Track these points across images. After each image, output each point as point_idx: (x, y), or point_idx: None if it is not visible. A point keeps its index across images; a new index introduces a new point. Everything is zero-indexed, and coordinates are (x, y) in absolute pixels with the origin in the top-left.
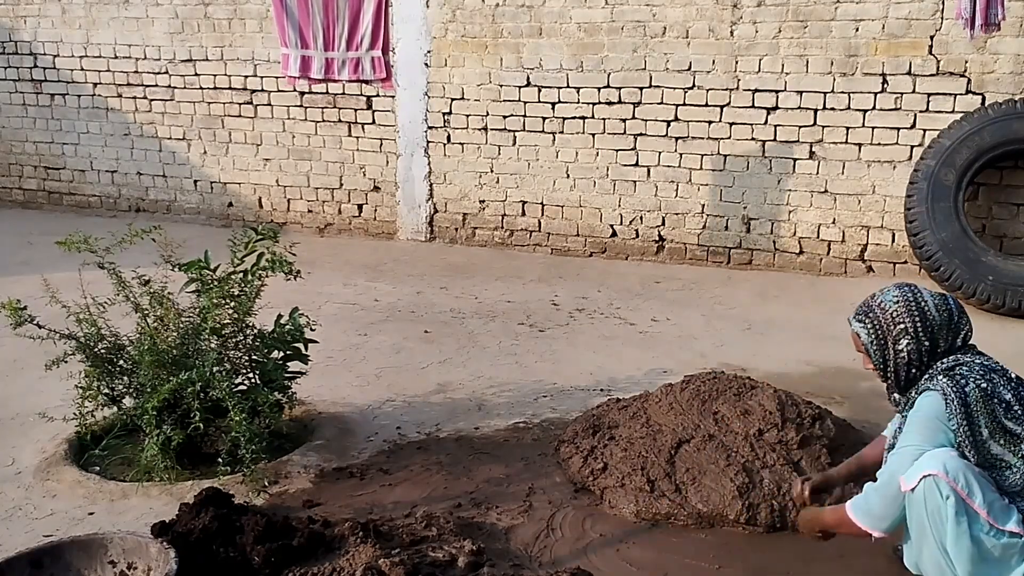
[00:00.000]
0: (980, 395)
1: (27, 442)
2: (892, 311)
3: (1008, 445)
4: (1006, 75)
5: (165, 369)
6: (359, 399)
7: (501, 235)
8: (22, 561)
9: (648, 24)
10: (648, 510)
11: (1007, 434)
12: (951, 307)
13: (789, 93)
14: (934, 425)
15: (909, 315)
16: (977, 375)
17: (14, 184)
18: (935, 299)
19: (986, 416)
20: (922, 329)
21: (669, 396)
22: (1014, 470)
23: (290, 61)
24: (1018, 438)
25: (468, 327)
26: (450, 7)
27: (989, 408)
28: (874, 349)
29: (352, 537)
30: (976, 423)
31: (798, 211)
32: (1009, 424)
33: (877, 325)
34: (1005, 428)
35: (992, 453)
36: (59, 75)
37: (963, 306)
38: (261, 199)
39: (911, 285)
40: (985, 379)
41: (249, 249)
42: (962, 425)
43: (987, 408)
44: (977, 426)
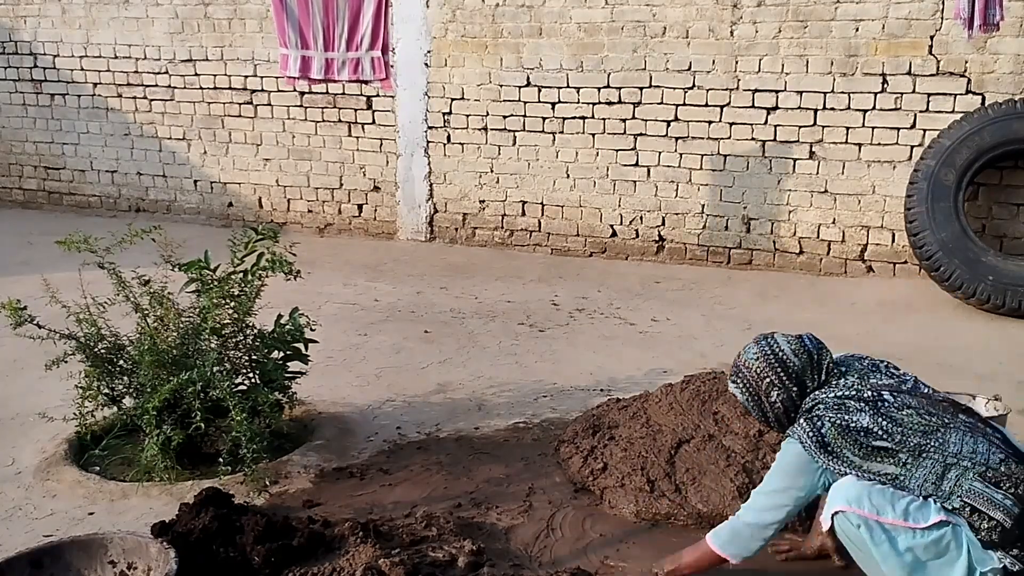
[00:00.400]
0: (836, 432)
1: (27, 442)
2: (756, 368)
3: (885, 460)
4: (1006, 75)
5: (165, 369)
6: (359, 399)
7: (501, 235)
8: (22, 561)
9: (648, 24)
10: (648, 510)
11: (879, 451)
12: (808, 348)
13: (789, 93)
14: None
15: (771, 368)
16: (832, 411)
17: (14, 184)
18: (792, 345)
19: (849, 446)
20: (787, 377)
21: (669, 396)
22: (902, 477)
23: (289, 61)
24: (890, 452)
25: (468, 327)
26: (450, 7)
27: (850, 439)
28: (752, 405)
29: (352, 537)
30: (841, 455)
31: (798, 211)
32: (877, 443)
33: (747, 383)
34: (874, 448)
35: (875, 471)
36: (59, 75)
37: (820, 341)
38: (261, 199)
39: (768, 336)
40: (839, 413)
41: (249, 249)
42: (829, 463)
43: (847, 440)
44: (844, 456)
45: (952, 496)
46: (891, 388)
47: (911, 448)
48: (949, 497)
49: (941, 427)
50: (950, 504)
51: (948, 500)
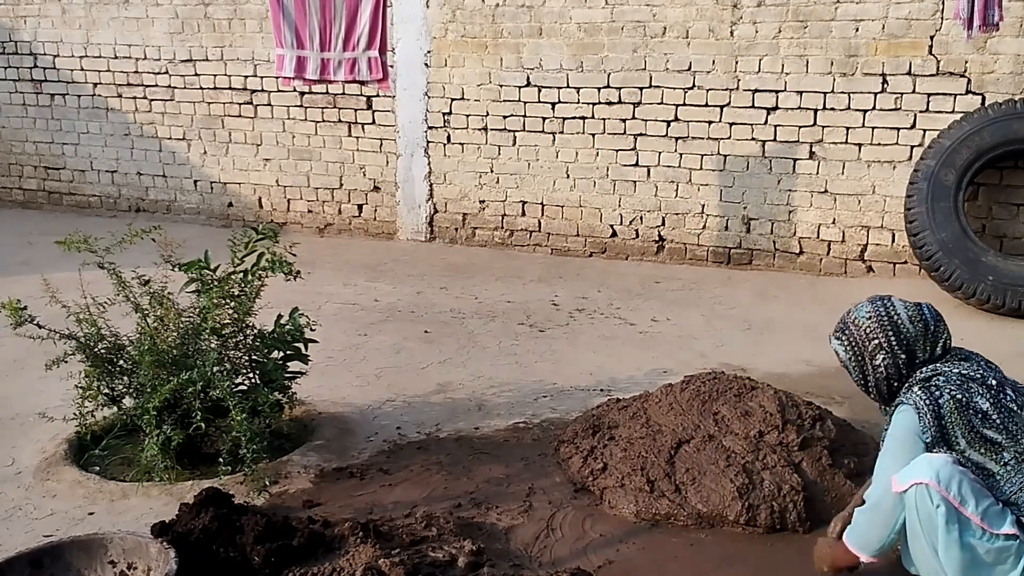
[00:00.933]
0: (955, 406)
1: (27, 442)
2: (865, 327)
3: (988, 454)
4: (1006, 75)
5: (165, 369)
6: (359, 399)
7: (501, 235)
8: (22, 561)
9: (648, 24)
10: (648, 510)
11: (986, 442)
12: (926, 317)
13: (789, 93)
14: (910, 442)
15: (882, 330)
16: (954, 385)
17: (14, 184)
18: (909, 311)
19: (962, 427)
20: (897, 343)
21: (669, 396)
22: (998, 478)
23: (285, 61)
24: (999, 446)
25: (468, 327)
26: (450, 7)
27: (965, 419)
28: (852, 366)
29: (352, 537)
30: (951, 434)
31: (798, 211)
32: (988, 433)
33: (853, 342)
34: (984, 437)
35: (973, 461)
36: (59, 75)
37: (939, 314)
38: (261, 199)
39: (885, 298)
40: (961, 389)
41: (249, 249)
42: (935, 438)
43: (962, 419)
44: (953, 437)
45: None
46: (1015, 386)
47: (1020, 450)
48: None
49: None
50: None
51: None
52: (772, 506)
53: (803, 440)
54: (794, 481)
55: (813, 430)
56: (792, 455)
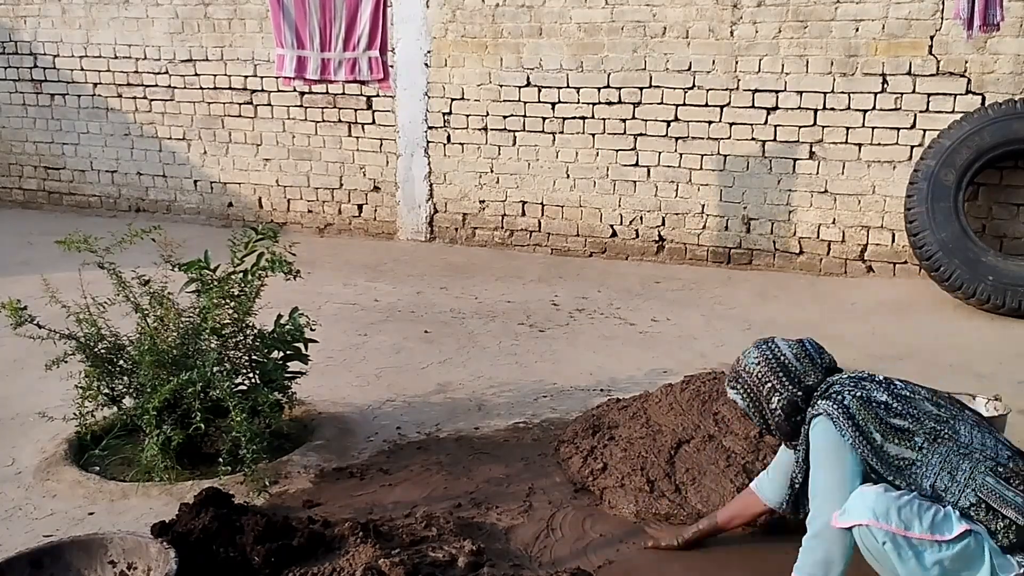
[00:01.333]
0: (859, 404)
1: (27, 442)
2: (757, 373)
3: (903, 442)
4: (1006, 75)
5: (165, 369)
6: (359, 399)
7: (501, 235)
8: (22, 561)
9: (648, 24)
10: (648, 510)
11: (897, 431)
12: (809, 351)
13: (789, 93)
14: (836, 451)
15: (772, 372)
16: (850, 386)
17: (14, 184)
18: (793, 349)
19: (873, 421)
20: (789, 382)
21: (669, 396)
22: (918, 464)
23: (285, 61)
24: (908, 432)
25: (468, 327)
26: (450, 7)
27: (872, 413)
28: (752, 412)
29: (352, 537)
30: (866, 431)
31: (798, 211)
32: (895, 422)
33: (747, 388)
34: (893, 426)
35: (892, 455)
36: (59, 75)
37: (820, 345)
38: (261, 199)
39: (769, 341)
40: (858, 387)
41: (249, 249)
42: (856, 438)
43: (870, 413)
44: (868, 433)
45: (967, 490)
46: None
47: (927, 431)
48: (964, 491)
49: (950, 418)
50: (965, 500)
51: (963, 495)
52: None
53: None
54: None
55: None
56: None
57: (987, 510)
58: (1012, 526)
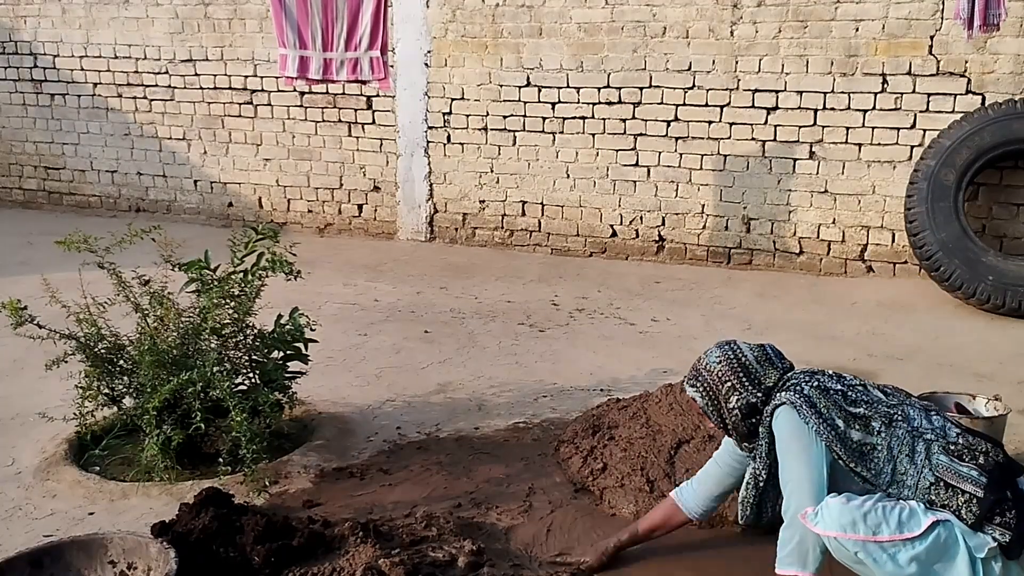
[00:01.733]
0: (818, 392)
1: (27, 442)
2: (717, 371)
3: (863, 429)
4: (1006, 75)
5: (165, 369)
6: (359, 399)
7: (501, 235)
8: (22, 561)
9: (648, 24)
10: (648, 510)
11: (856, 418)
12: (769, 354)
13: (789, 93)
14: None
15: (732, 372)
16: (805, 379)
17: (14, 184)
18: (754, 352)
19: (834, 408)
20: (748, 382)
21: (669, 396)
22: (879, 448)
23: (288, 61)
24: (866, 419)
25: (468, 327)
26: (450, 7)
27: (831, 400)
28: (711, 410)
29: (352, 537)
30: (829, 418)
31: (798, 211)
32: (852, 409)
33: (707, 387)
34: (851, 413)
35: (854, 440)
36: (59, 75)
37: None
38: (261, 199)
39: (730, 342)
40: (813, 379)
41: (249, 249)
42: (820, 424)
43: (830, 400)
44: (831, 419)
45: (924, 471)
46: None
47: (882, 415)
48: (922, 472)
49: (899, 403)
50: (924, 480)
51: (922, 475)
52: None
53: None
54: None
55: None
56: None
57: (946, 487)
58: (972, 499)
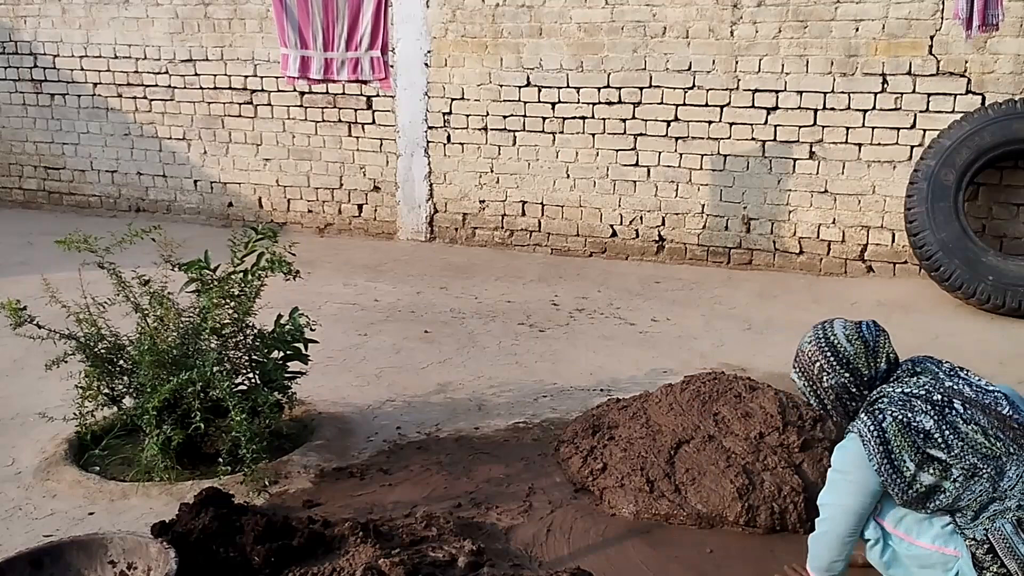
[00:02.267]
0: (898, 429)
1: (27, 442)
2: (808, 352)
3: (937, 473)
4: (1006, 75)
5: (165, 369)
6: (359, 399)
7: (501, 235)
8: (22, 561)
9: (648, 24)
10: (648, 510)
11: (933, 461)
12: (864, 335)
13: (789, 93)
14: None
15: (821, 352)
16: (896, 406)
17: (14, 184)
18: (847, 331)
19: (908, 449)
20: (837, 363)
21: (669, 396)
22: (947, 494)
23: (289, 61)
24: (945, 464)
25: (468, 327)
26: (450, 7)
27: (909, 440)
28: (808, 392)
29: (352, 537)
30: (898, 458)
31: (798, 211)
32: (933, 452)
33: (802, 369)
34: (931, 456)
35: (925, 484)
36: (59, 75)
37: (880, 329)
38: (261, 199)
39: (827, 322)
40: (903, 409)
41: (249, 249)
42: (883, 464)
43: (907, 440)
44: (900, 460)
45: (979, 527)
46: (965, 399)
47: (966, 467)
48: (977, 527)
49: (1004, 455)
50: (974, 532)
51: (975, 529)
52: (772, 507)
53: (804, 442)
54: (795, 482)
55: (814, 431)
56: (793, 456)
57: (988, 551)
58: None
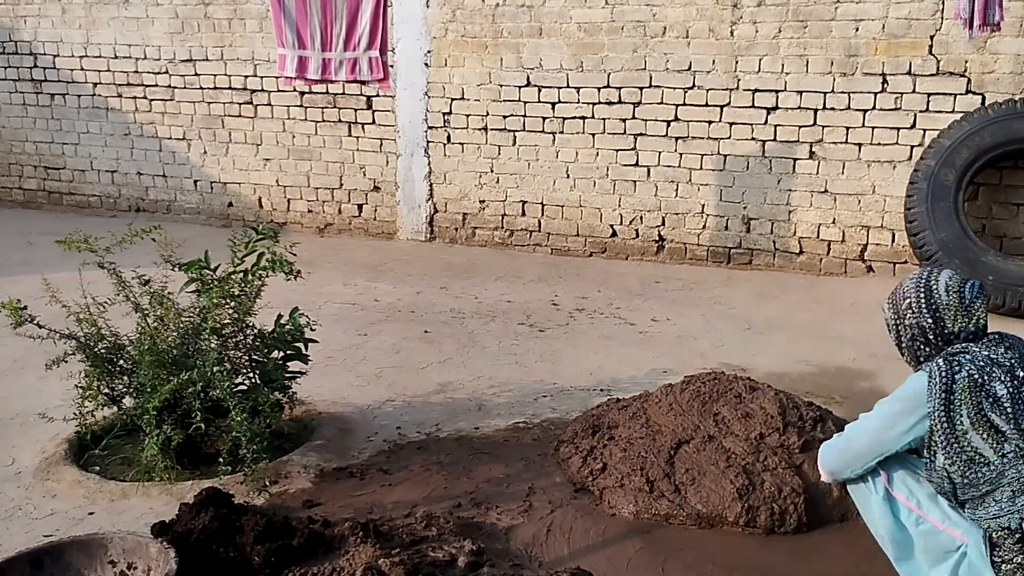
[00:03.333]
0: (968, 384)
1: (27, 442)
2: (906, 287)
3: (990, 440)
4: (1006, 75)
5: (165, 369)
6: (359, 399)
7: (501, 235)
8: (22, 561)
9: (648, 24)
10: (647, 510)
11: (991, 428)
12: (963, 291)
13: (789, 93)
14: (911, 405)
15: (916, 292)
16: (978, 364)
17: (14, 184)
18: (950, 281)
19: (970, 406)
20: (926, 306)
21: (669, 396)
22: (991, 467)
23: (287, 61)
24: (1002, 435)
25: (468, 327)
26: (450, 7)
27: (975, 399)
28: (892, 324)
29: (352, 537)
30: (956, 411)
31: (798, 211)
32: (995, 419)
33: (894, 301)
34: (990, 422)
35: (972, 445)
36: (59, 75)
37: (981, 293)
38: (261, 199)
39: (934, 270)
40: (982, 371)
41: (249, 249)
42: (939, 409)
43: (973, 398)
44: (958, 414)
45: (1014, 515)
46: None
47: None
48: (1011, 514)
49: None
50: (1007, 521)
51: (1009, 517)
52: (772, 508)
53: (804, 442)
54: (795, 483)
55: (814, 432)
56: (793, 457)
57: (1018, 541)
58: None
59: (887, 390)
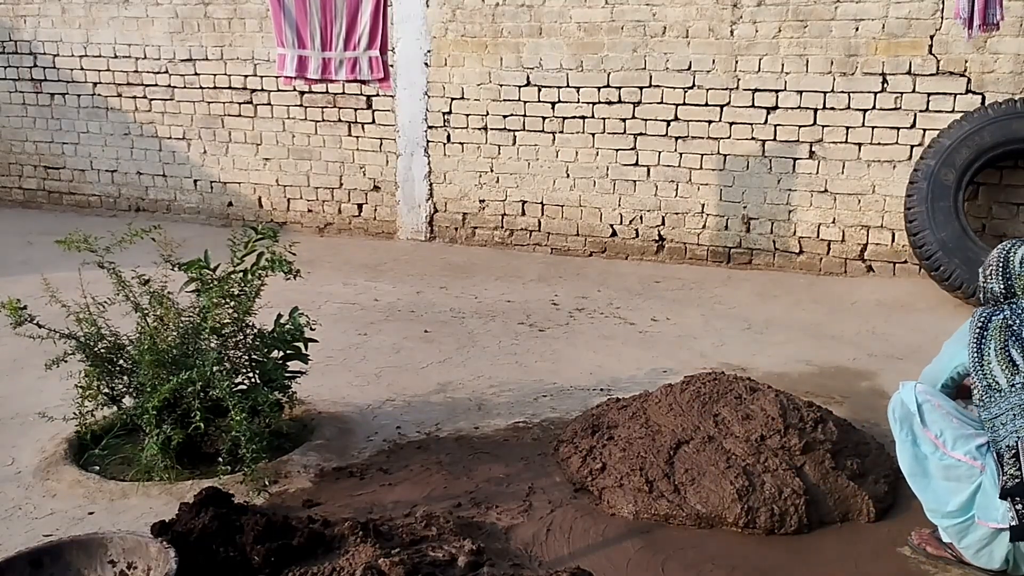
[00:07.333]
0: (1000, 324)
1: (27, 442)
2: (995, 253)
3: (1007, 371)
4: (1006, 75)
5: (165, 369)
6: (359, 399)
7: (501, 235)
8: (22, 561)
9: (648, 24)
10: (647, 510)
11: (1008, 360)
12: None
13: (789, 93)
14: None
15: (997, 259)
16: (1016, 312)
17: (14, 184)
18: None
19: (996, 341)
20: (1000, 272)
21: (669, 397)
22: (1003, 394)
23: (286, 61)
24: (1016, 368)
25: (468, 327)
26: (450, 7)
27: (1002, 336)
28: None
29: (352, 537)
30: (986, 345)
31: (798, 211)
32: (1014, 354)
33: (986, 261)
34: (1010, 356)
35: (992, 374)
36: (59, 75)
37: None
38: (261, 199)
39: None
40: (1018, 316)
41: (249, 249)
42: (972, 341)
43: (1000, 335)
44: (986, 347)
45: (1013, 433)
46: None
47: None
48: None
49: None
50: (1007, 439)
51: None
52: (772, 509)
53: (805, 444)
54: (796, 485)
55: (815, 433)
56: (794, 459)
57: (1013, 455)
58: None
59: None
